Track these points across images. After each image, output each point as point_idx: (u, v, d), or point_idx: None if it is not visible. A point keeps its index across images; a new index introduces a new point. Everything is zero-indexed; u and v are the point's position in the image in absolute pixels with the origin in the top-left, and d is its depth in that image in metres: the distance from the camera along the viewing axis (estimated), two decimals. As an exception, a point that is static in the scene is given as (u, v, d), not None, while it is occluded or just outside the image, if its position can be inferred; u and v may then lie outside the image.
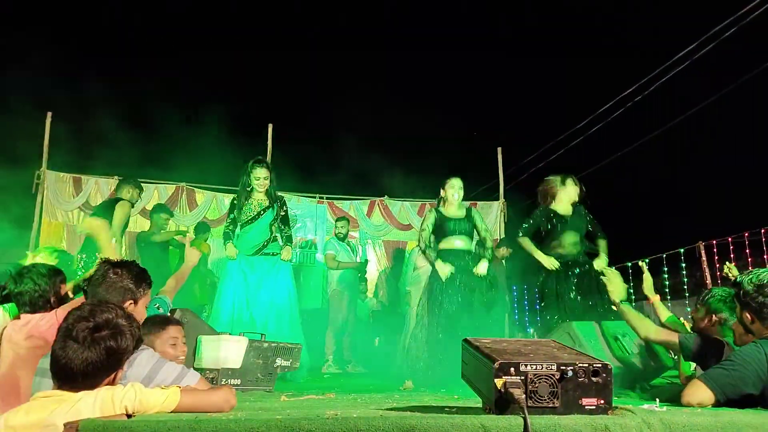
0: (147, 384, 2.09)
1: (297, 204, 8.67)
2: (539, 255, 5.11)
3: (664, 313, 4.13)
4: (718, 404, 2.25)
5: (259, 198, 5.44)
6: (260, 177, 5.39)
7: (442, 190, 5.11)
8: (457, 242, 4.94)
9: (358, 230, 8.72)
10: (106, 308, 1.79)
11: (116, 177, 8.10)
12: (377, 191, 9.18)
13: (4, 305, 2.97)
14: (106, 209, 5.64)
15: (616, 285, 3.66)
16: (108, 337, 1.73)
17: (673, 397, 2.50)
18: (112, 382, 1.79)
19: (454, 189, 5.04)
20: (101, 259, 2.58)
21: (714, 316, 3.22)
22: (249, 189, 5.44)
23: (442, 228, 4.96)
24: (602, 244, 5.28)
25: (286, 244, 5.42)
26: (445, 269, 4.76)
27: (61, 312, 2.44)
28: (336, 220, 7.65)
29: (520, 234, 5.30)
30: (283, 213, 5.49)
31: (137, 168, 8.43)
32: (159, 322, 2.76)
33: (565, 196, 5.32)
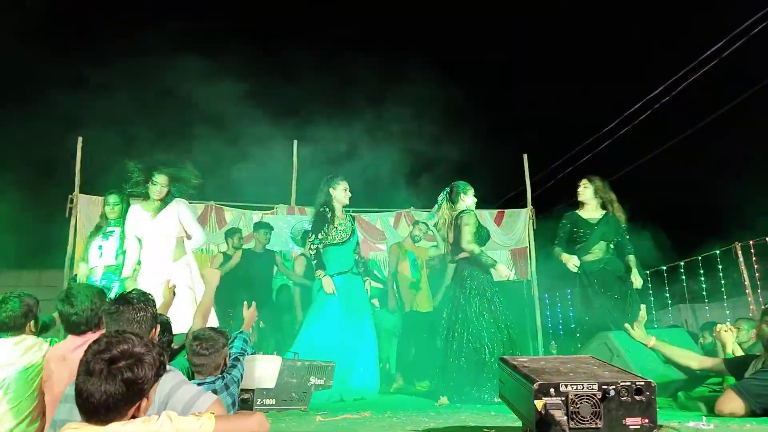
0: (165, 404, 2.11)
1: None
2: (563, 256, 5.07)
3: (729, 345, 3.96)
4: (752, 414, 2.24)
5: (341, 218, 5.15)
6: (347, 189, 5.15)
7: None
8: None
9: (385, 242, 8.66)
10: (123, 339, 1.77)
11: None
12: (404, 202, 9.10)
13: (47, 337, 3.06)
14: None
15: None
16: (125, 368, 1.71)
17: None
18: (138, 412, 1.78)
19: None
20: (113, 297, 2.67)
21: None
22: (331, 209, 5.10)
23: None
24: (632, 259, 5.09)
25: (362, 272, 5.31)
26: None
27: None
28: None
29: (553, 246, 5.28)
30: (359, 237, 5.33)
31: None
32: None
33: (591, 200, 5.24)
